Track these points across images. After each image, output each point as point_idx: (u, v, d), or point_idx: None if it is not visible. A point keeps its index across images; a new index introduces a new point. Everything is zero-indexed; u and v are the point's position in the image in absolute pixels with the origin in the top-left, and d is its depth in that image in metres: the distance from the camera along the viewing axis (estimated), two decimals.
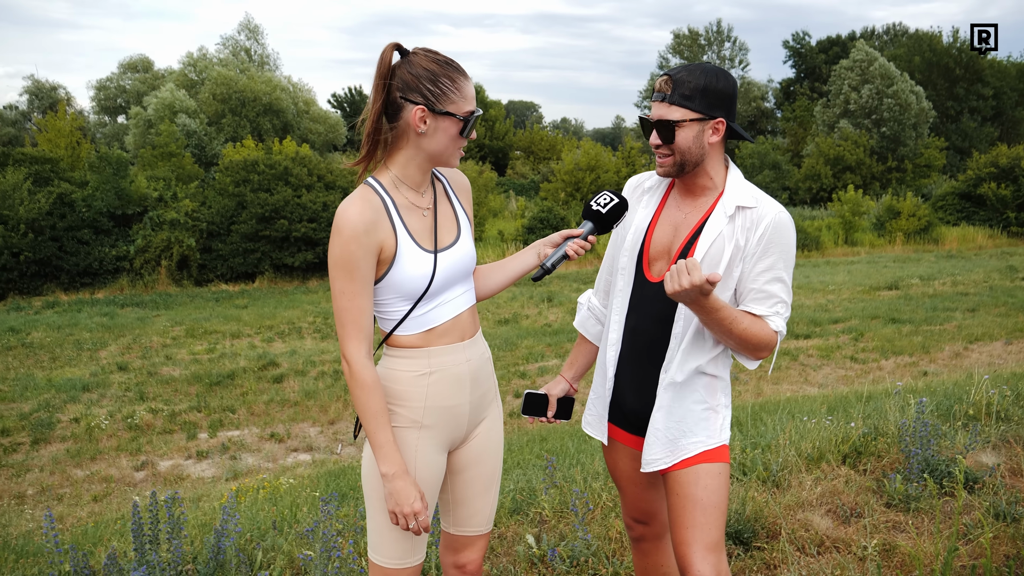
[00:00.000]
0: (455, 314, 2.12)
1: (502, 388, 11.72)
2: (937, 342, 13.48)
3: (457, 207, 2.20)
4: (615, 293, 2.36)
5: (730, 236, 2.18)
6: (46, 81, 47.15)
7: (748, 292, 2.20)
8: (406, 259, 2.02)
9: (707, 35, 48.88)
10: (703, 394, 2.26)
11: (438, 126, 2.01)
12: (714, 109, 2.15)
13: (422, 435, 2.10)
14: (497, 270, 2.32)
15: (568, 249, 2.19)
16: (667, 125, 2.15)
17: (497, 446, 2.27)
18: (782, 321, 2.19)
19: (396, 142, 2.07)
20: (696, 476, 2.22)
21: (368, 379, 1.98)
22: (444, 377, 2.11)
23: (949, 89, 46.58)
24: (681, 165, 2.20)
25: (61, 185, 23.09)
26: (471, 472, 2.23)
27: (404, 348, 2.10)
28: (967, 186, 33.63)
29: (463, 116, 2.01)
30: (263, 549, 3.64)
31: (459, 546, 2.27)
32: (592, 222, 2.23)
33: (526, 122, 68.24)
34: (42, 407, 11.21)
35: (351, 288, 1.97)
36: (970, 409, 5.34)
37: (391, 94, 2.01)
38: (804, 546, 3.44)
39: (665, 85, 2.17)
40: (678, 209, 2.29)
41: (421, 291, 2.04)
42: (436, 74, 1.99)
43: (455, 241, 2.13)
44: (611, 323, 2.35)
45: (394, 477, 1.99)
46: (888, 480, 3.98)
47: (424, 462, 2.11)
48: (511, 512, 4.01)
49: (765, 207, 2.19)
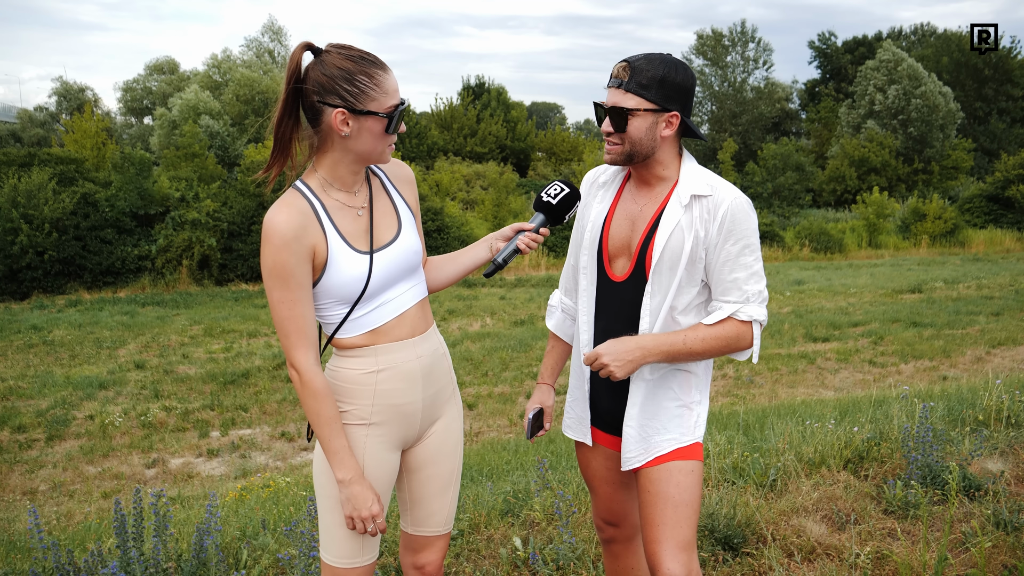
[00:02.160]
0: (399, 312, 2.07)
1: (515, 389, 11.67)
2: (959, 346, 13.24)
3: (398, 201, 2.13)
4: (580, 293, 2.31)
5: (688, 227, 2.12)
6: (74, 83, 47.75)
7: (716, 284, 2.13)
8: (339, 262, 1.96)
9: (731, 36, 48.47)
10: (677, 391, 2.21)
11: (361, 126, 1.93)
12: (670, 101, 2.09)
13: (371, 432, 2.06)
14: (448, 263, 2.27)
15: (519, 243, 2.14)
16: (620, 112, 2.09)
17: (455, 445, 2.22)
18: (756, 307, 2.12)
19: (321, 145, 1.99)
20: (668, 473, 2.18)
21: (318, 386, 1.93)
22: (394, 375, 2.06)
23: (978, 90, 45.88)
24: (630, 155, 2.14)
25: (85, 185, 23.38)
26: (427, 471, 2.19)
27: (350, 348, 2.05)
28: (995, 188, 33.11)
29: (386, 112, 1.93)
30: (251, 548, 3.63)
31: (418, 547, 2.23)
32: (543, 214, 2.18)
33: (549, 123, 68.13)
34: (59, 404, 11.33)
35: (289, 296, 1.91)
36: (980, 415, 5.21)
37: (307, 99, 1.94)
38: (794, 552, 3.36)
39: (623, 72, 2.10)
40: (633, 202, 2.23)
41: (357, 294, 1.98)
42: (351, 72, 1.90)
43: (395, 238, 2.06)
44: (581, 324, 2.31)
45: (351, 483, 1.95)
46: (888, 486, 3.89)
47: (374, 460, 2.06)
48: (502, 514, 3.97)
49: (721, 194, 2.12)
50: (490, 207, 29.86)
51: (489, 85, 48.80)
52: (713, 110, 48.38)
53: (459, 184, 35.15)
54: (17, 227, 21.51)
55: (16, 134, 46.11)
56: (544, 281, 22.98)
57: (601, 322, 2.26)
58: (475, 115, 43.52)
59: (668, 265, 2.12)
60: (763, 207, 33.63)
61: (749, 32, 48.30)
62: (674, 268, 2.12)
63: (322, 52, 1.94)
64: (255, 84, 35.95)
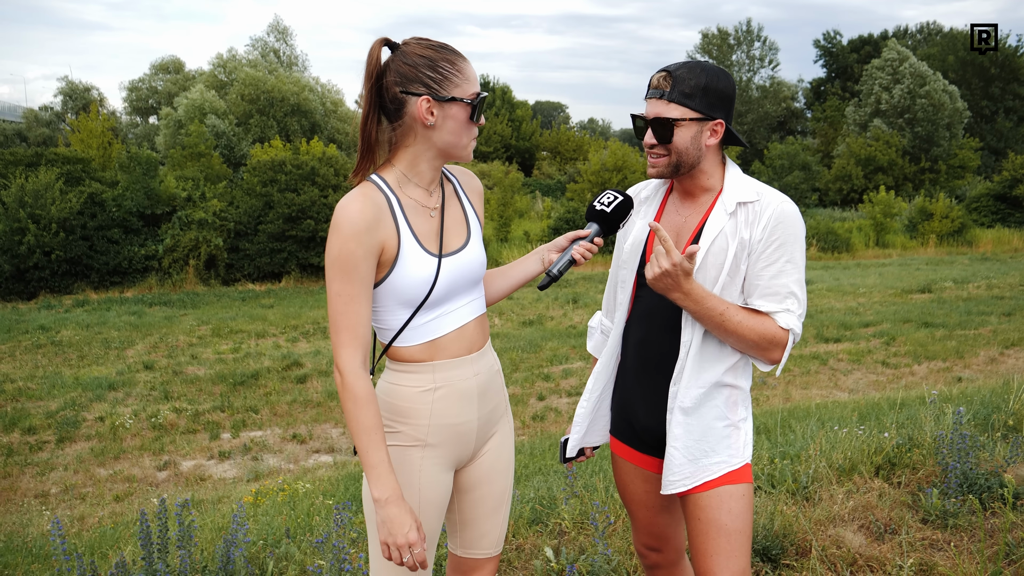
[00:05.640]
0: (461, 324, 1.98)
1: (526, 391, 11.59)
2: (972, 347, 13.15)
3: (468, 209, 2.06)
4: (617, 306, 2.24)
5: (733, 233, 2.03)
6: (80, 82, 47.66)
7: (755, 288, 2.04)
8: (408, 262, 1.87)
9: (736, 35, 48.35)
10: (723, 409, 2.11)
11: (446, 114, 1.87)
12: (714, 110, 2.02)
13: (427, 454, 1.96)
14: (499, 277, 2.18)
15: (575, 253, 2.05)
16: (665, 124, 2.01)
17: (507, 464, 2.13)
18: (794, 319, 2.02)
19: (403, 139, 1.92)
20: (719, 500, 2.07)
21: (361, 391, 1.81)
22: (450, 393, 1.96)
23: (984, 88, 45.72)
24: (676, 167, 2.06)
25: (92, 185, 23.35)
26: (480, 491, 2.09)
27: (406, 362, 1.96)
28: (1002, 187, 32.99)
29: (470, 99, 1.88)
30: (276, 557, 3.56)
31: (467, 569, 2.13)
32: (597, 223, 2.11)
33: (553, 122, 68.04)
34: (68, 406, 11.28)
35: (348, 290, 1.81)
36: (1010, 419, 5.13)
37: (389, 91, 1.87)
38: (836, 565, 3.28)
39: (663, 81, 2.02)
40: (677, 213, 2.16)
41: (421, 298, 1.89)
42: (434, 60, 1.85)
43: (464, 245, 1.98)
44: (612, 335, 2.24)
45: (387, 503, 1.79)
46: (924, 495, 3.81)
47: (429, 482, 1.97)
48: (530, 522, 3.89)
49: (767, 198, 2.04)
50: (495, 206, 29.78)
51: (493, 84, 48.75)
52: None
53: None
54: (24, 227, 21.49)
55: (22, 134, 46.11)
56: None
57: (638, 332, 2.18)
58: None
59: (711, 273, 2.04)
60: None
61: (755, 31, 48.20)
62: (717, 275, 2.04)
63: (400, 45, 1.90)
64: (260, 83, 35.87)
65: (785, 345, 2.04)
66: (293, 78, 37.59)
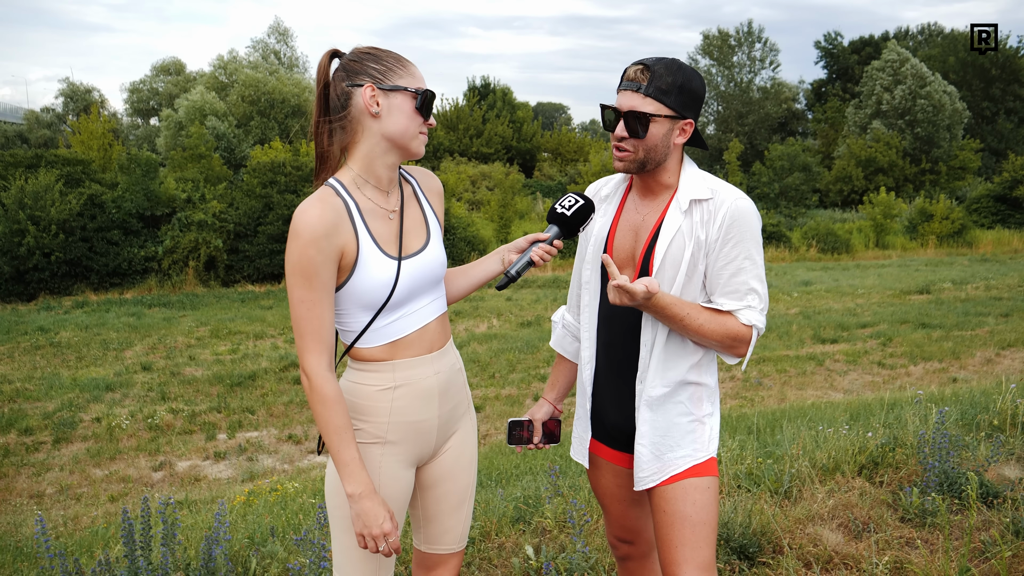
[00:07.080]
0: (421, 325, 2.01)
1: (522, 391, 11.62)
2: (968, 348, 13.16)
3: (428, 211, 2.08)
4: (583, 308, 2.25)
5: (689, 232, 2.06)
6: (81, 84, 47.76)
7: (715, 287, 2.07)
8: (368, 266, 1.89)
9: (738, 36, 48.34)
10: (688, 405, 2.15)
11: (391, 103, 1.90)
12: (687, 109, 2.05)
13: (386, 451, 2.00)
14: (460, 276, 2.22)
15: (533, 255, 2.08)
16: (639, 118, 2.02)
17: (470, 461, 2.16)
18: (756, 314, 2.05)
19: (352, 136, 1.94)
20: (684, 492, 2.11)
21: (329, 393, 1.85)
22: (410, 391, 2.00)
23: (985, 90, 45.69)
24: (643, 163, 2.07)
25: (92, 186, 23.40)
26: (442, 488, 2.13)
27: (367, 361, 1.99)
28: (1003, 188, 32.97)
29: (415, 89, 1.91)
30: (260, 556, 3.59)
31: (431, 564, 2.17)
32: (557, 226, 2.14)
33: (554, 124, 68.05)
34: (65, 406, 11.32)
35: (310, 296, 1.84)
36: (995, 419, 5.15)
37: (336, 88, 1.91)
38: (811, 562, 3.31)
39: (640, 75, 2.03)
40: (636, 212, 2.18)
41: (382, 301, 1.92)
42: (378, 55, 1.91)
43: (423, 247, 2.01)
44: (584, 340, 2.26)
45: (361, 497, 1.85)
46: (904, 494, 3.84)
47: (389, 478, 2.00)
48: (513, 521, 3.92)
49: (721, 196, 2.06)
50: (496, 208, 29.81)
51: (495, 86, 48.76)
52: (719, 110, 48.24)
53: (465, 185, 35.13)
54: (24, 228, 21.54)
55: (23, 135, 46.21)
56: (551, 282, 22.91)
57: (605, 335, 2.20)
58: (481, 116, 43.50)
59: (669, 273, 2.07)
60: (770, 207, 33.54)
61: (756, 32, 48.18)
62: (674, 275, 2.07)
63: (346, 53, 1.96)
64: (261, 85, 35.95)
65: (749, 340, 2.08)
66: (294, 80, 37.67)
